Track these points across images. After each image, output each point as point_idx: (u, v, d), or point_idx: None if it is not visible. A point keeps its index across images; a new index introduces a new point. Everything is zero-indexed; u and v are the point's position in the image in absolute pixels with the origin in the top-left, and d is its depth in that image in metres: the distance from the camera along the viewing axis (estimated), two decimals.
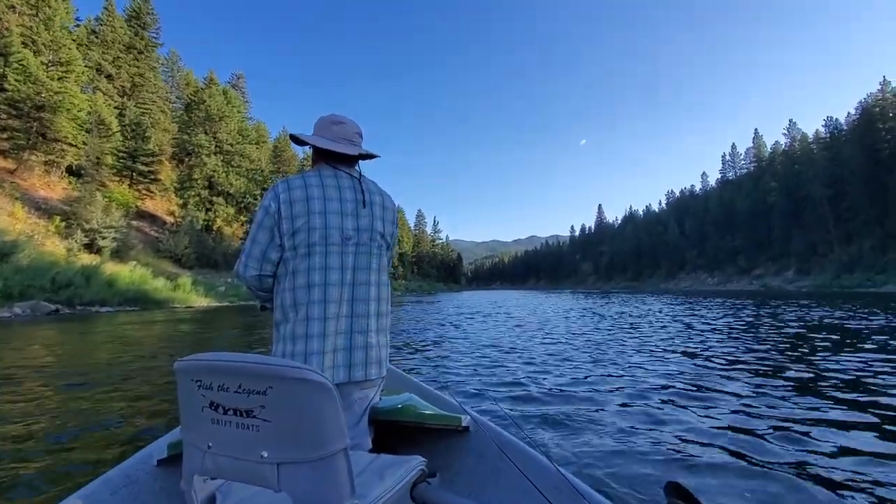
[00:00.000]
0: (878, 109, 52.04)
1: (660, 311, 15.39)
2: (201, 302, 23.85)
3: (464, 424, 1.53)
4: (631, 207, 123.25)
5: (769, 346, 6.60)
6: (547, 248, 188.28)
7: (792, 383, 4.24)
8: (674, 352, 6.36)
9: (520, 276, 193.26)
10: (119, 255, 26.18)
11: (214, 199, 39.38)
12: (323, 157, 1.50)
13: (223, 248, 37.91)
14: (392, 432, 1.60)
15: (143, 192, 38.07)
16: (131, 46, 43.25)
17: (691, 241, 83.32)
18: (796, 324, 9.84)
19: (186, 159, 39.42)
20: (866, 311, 13.46)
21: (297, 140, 1.51)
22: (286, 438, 0.83)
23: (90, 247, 25.35)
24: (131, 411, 3.49)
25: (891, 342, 6.69)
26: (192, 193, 37.67)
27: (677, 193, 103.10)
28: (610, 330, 9.51)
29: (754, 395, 3.85)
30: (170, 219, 37.83)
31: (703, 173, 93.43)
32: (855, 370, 4.74)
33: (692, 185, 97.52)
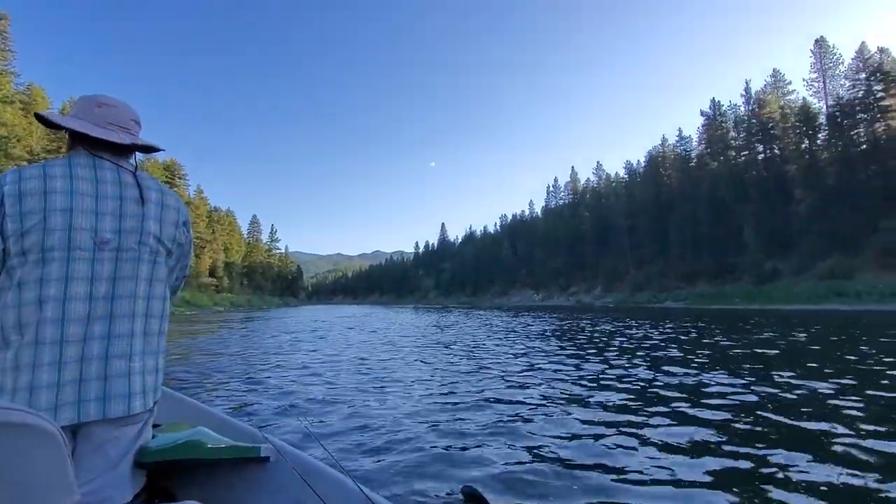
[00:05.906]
0: (660, 159, 64.51)
1: (488, 325, 16.56)
2: None
3: (263, 454, 1.32)
4: (471, 227, 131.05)
5: (565, 350, 8.08)
6: (392, 263, 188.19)
7: (579, 379, 5.20)
8: (487, 362, 6.94)
9: (364, 290, 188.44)
10: None
11: None
12: (82, 144, 1.19)
13: None
14: (175, 474, 1.35)
15: None
16: None
17: (522, 261, 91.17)
18: (591, 331, 12.48)
19: None
20: (642, 322, 16.50)
21: (45, 121, 1.17)
22: None
23: None
24: None
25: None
26: None
27: (510, 217, 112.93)
28: (437, 345, 9.78)
29: (548, 397, 4.36)
30: None
31: (531, 201, 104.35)
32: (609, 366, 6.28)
33: (522, 211, 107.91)
